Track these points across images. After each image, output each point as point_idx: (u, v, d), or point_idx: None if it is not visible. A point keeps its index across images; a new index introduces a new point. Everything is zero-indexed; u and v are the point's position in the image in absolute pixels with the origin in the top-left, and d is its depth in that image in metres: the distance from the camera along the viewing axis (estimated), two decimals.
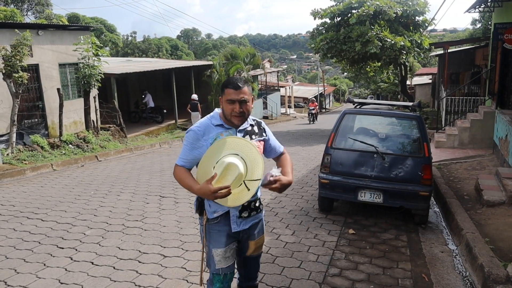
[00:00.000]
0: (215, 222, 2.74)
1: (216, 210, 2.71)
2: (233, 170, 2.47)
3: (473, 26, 33.00)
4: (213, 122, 2.72)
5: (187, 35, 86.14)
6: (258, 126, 2.90)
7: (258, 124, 2.92)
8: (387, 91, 48.49)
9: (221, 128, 2.70)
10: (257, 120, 2.94)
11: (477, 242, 4.67)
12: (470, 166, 8.75)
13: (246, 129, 2.79)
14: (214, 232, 2.76)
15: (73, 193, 7.80)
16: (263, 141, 2.90)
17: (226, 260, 2.76)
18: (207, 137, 2.66)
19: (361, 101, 7.29)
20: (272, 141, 2.99)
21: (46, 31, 12.44)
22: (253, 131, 2.84)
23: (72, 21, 37.54)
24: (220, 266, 2.76)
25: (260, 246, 2.97)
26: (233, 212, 2.72)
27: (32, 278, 4.19)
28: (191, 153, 2.69)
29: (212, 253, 2.76)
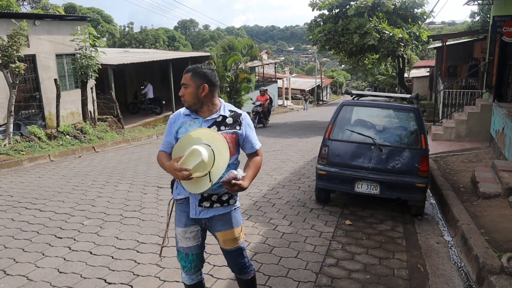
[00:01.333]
0: (179, 203, 2.91)
1: (180, 192, 2.87)
2: (196, 156, 2.55)
3: (472, 19, 32.96)
4: (183, 111, 2.88)
5: (184, 26, 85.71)
6: (234, 118, 2.85)
7: (235, 116, 2.86)
8: (385, 84, 48.41)
9: (188, 117, 2.84)
10: (236, 112, 2.89)
11: (472, 234, 4.72)
12: (467, 159, 8.80)
13: (215, 119, 2.81)
14: (178, 212, 2.94)
15: (71, 183, 7.81)
16: (235, 134, 2.82)
17: (186, 240, 2.90)
18: (175, 125, 2.84)
19: (359, 92, 7.30)
20: (248, 137, 2.89)
21: (43, 21, 12.35)
22: (224, 122, 2.82)
23: (69, 11, 37.26)
24: (180, 244, 2.93)
25: (229, 240, 2.91)
26: (192, 199, 2.83)
27: (31, 267, 4.22)
28: (166, 138, 2.90)
29: (175, 230, 2.95)
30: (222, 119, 2.82)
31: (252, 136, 2.91)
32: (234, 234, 2.91)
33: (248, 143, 2.90)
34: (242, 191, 2.68)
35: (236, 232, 2.92)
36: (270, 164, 9.39)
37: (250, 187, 7.16)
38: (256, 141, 2.95)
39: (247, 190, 7.00)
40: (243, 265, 3.02)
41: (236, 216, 2.94)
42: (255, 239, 4.96)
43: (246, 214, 5.88)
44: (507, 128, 7.52)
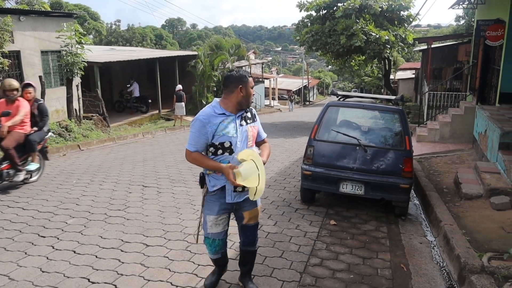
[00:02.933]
0: (213, 194, 3.33)
1: (215, 184, 3.29)
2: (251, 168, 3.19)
3: (457, 23, 33.49)
4: (216, 111, 3.23)
5: (172, 24, 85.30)
6: (251, 112, 3.42)
7: (251, 111, 3.42)
8: (371, 85, 48.86)
9: (223, 116, 3.23)
10: (250, 107, 3.41)
11: (454, 234, 4.79)
12: (450, 160, 8.93)
13: (242, 115, 3.32)
14: (210, 202, 3.36)
15: (55, 182, 7.72)
16: (257, 125, 3.45)
17: (216, 227, 3.39)
18: (212, 124, 3.18)
19: (344, 93, 7.35)
20: (260, 127, 3.51)
21: (28, 17, 12.19)
22: (248, 116, 3.37)
23: (55, 7, 36.80)
24: (211, 231, 3.40)
25: (254, 216, 3.51)
26: (228, 187, 3.28)
27: (13, 267, 4.16)
28: (200, 140, 3.22)
29: (206, 218, 3.39)
30: (245, 113, 3.35)
31: (261, 127, 3.55)
32: (258, 211, 3.55)
33: (259, 133, 3.52)
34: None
35: (259, 209, 3.58)
36: None
37: None
38: (263, 132, 3.59)
39: None
40: (256, 236, 3.64)
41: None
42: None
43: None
44: (489, 130, 7.65)
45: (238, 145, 3.24)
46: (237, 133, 3.24)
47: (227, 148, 3.22)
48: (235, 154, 3.21)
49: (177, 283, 3.88)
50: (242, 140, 3.26)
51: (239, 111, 3.29)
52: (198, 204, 6.31)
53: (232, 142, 3.22)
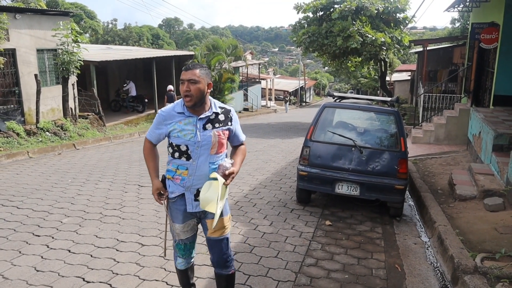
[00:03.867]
0: (173, 201, 3.05)
1: (173, 191, 3.01)
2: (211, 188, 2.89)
3: (452, 25, 33.64)
4: (175, 109, 2.96)
5: (168, 24, 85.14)
6: (225, 115, 3.03)
7: (226, 113, 3.04)
8: (367, 86, 48.95)
9: (181, 116, 2.93)
10: (226, 108, 3.06)
11: (448, 235, 4.82)
12: (445, 162, 8.98)
13: (209, 117, 2.95)
14: (174, 209, 3.07)
15: (50, 181, 7.71)
16: (228, 130, 3.04)
17: (184, 233, 3.11)
18: (167, 122, 2.94)
19: (340, 95, 7.38)
20: (236, 130, 3.13)
21: (24, 15, 12.14)
22: (217, 119, 2.98)
23: (51, 6, 36.66)
24: (179, 237, 3.13)
25: (220, 228, 3.05)
26: (188, 195, 2.99)
27: (7, 266, 4.16)
28: (155, 131, 3.01)
29: (173, 226, 3.12)
30: (215, 116, 2.97)
31: (239, 130, 3.16)
32: (223, 222, 3.06)
33: (236, 137, 3.15)
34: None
35: (225, 220, 3.08)
36: (252, 165, 9.42)
37: (231, 187, 7.22)
38: (242, 134, 3.21)
39: (228, 190, 7.03)
40: (227, 257, 3.14)
41: (226, 205, 3.10)
42: (235, 239, 4.97)
43: None
44: (483, 132, 7.70)
45: (197, 151, 2.90)
46: (196, 137, 2.88)
47: (184, 152, 2.91)
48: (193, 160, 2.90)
49: (172, 282, 3.89)
50: (202, 146, 2.89)
51: (201, 112, 2.92)
52: None
53: (189, 147, 2.89)
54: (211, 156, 2.94)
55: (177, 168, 2.95)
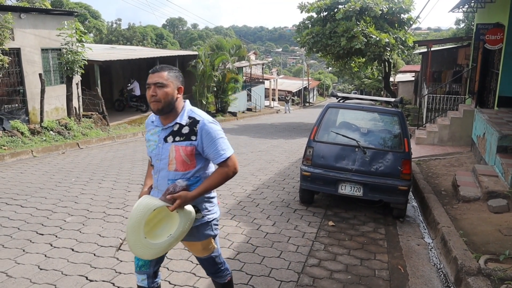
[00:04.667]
0: None
1: None
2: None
3: (457, 26, 33.52)
4: (151, 118, 2.76)
5: (172, 24, 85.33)
6: (191, 127, 2.57)
7: (192, 125, 2.58)
8: (371, 87, 48.85)
9: (152, 125, 2.72)
10: (195, 119, 2.59)
11: (452, 236, 4.81)
12: (449, 163, 8.95)
13: (172, 128, 2.60)
14: None
15: (54, 180, 7.73)
16: (191, 146, 2.56)
17: None
18: (146, 131, 2.78)
19: (344, 95, 7.37)
20: (208, 147, 2.57)
21: (29, 15, 12.19)
22: (180, 132, 2.58)
23: (56, 5, 36.79)
24: None
25: (196, 250, 2.83)
26: None
27: (11, 264, 4.17)
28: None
29: None
30: (179, 128, 2.59)
31: (214, 146, 2.57)
32: (199, 246, 2.79)
33: (210, 154, 2.59)
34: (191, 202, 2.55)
35: (201, 245, 2.78)
36: (256, 165, 9.42)
37: (234, 187, 7.24)
38: (221, 151, 2.58)
39: (231, 190, 7.06)
40: (216, 270, 2.96)
41: (202, 230, 2.73)
42: (238, 239, 4.98)
43: (230, 214, 5.90)
44: (488, 134, 7.67)
45: (157, 164, 2.65)
46: (157, 149, 2.64)
47: (152, 163, 2.76)
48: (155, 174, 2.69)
49: (175, 282, 3.89)
50: (161, 160, 2.62)
51: (169, 121, 2.62)
52: None
53: (152, 159, 2.71)
54: (169, 173, 2.61)
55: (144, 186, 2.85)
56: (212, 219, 2.78)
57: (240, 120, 23.98)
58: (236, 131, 16.63)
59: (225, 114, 23.23)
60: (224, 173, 2.60)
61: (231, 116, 23.65)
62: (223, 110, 23.43)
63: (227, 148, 2.62)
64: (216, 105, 23.03)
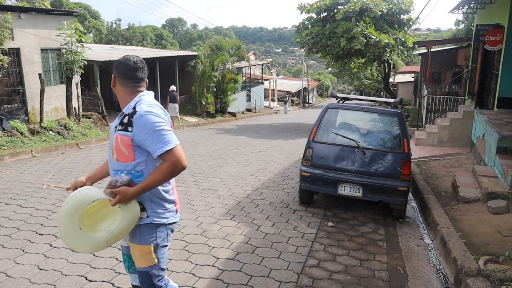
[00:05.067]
0: None
1: None
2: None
3: (457, 27, 33.54)
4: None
5: (172, 24, 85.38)
6: (129, 117, 2.48)
7: (131, 115, 2.47)
8: (370, 88, 48.89)
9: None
10: (134, 110, 2.48)
11: (451, 237, 4.81)
12: (448, 164, 8.95)
13: (121, 118, 2.57)
14: None
15: (53, 180, 7.72)
16: (127, 136, 2.47)
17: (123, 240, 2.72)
18: None
19: (344, 96, 7.37)
20: (145, 140, 2.42)
21: (28, 15, 12.19)
22: (122, 121, 2.53)
23: (56, 5, 36.77)
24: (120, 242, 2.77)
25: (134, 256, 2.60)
26: None
27: (10, 264, 4.17)
28: None
29: None
30: (123, 117, 2.54)
31: (151, 139, 2.41)
32: (137, 251, 2.57)
33: (148, 147, 2.44)
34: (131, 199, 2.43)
35: (139, 250, 2.56)
36: (255, 165, 9.42)
37: (233, 188, 7.24)
38: (159, 144, 2.40)
39: (231, 190, 7.06)
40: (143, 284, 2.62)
41: (143, 232, 2.55)
42: (238, 239, 4.98)
43: (229, 214, 5.90)
44: (487, 135, 7.67)
45: (109, 153, 2.65)
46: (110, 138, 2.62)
47: None
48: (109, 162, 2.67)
49: (175, 281, 3.88)
50: (109, 148, 2.63)
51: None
52: (196, 204, 6.32)
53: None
54: (113, 163, 2.58)
55: None
56: (160, 224, 2.57)
57: (240, 120, 23.98)
58: (236, 132, 16.63)
59: (224, 115, 23.23)
60: (165, 168, 2.42)
61: (231, 117, 23.65)
62: (223, 110, 23.44)
63: (168, 140, 2.42)
64: (216, 105, 23.03)
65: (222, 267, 4.21)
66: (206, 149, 11.75)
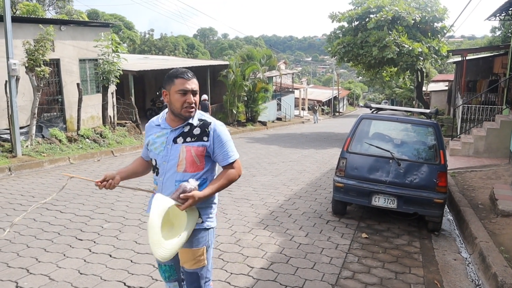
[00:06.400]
0: None
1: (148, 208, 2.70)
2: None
3: (492, 34, 32.71)
4: (155, 121, 2.76)
5: (203, 34, 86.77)
6: (202, 128, 2.62)
7: (204, 126, 2.62)
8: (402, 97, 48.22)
9: (158, 128, 2.71)
10: (206, 121, 2.64)
11: (491, 251, 4.69)
12: (485, 175, 8.72)
13: (182, 129, 2.63)
14: None
15: (90, 186, 7.94)
16: (202, 146, 2.60)
17: None
18: (148, 134, 2.76)
19: (378, 106, 7.31)
20: (219, 149, 2.63)
21: (68, 27, 12.66)
22: (191, 133, 2.61)
23: (92, 17, 38.04)
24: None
25: (187, 259, 2.69)
26: None
27: (53, 267, 4.32)
28: (144, 145, 2.82)
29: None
30: (190, 129, 2.63)
31: (224, 148, 2.64)
32: (190, 255, 2.67)
33: (219, 155, 2.64)
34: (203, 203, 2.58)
35: (193, 253, 2.67)
36: (287, 175, 9.43)
37: (266, 197, 7.27)
38: (230, 153, 2.66)
39: (264, 200, 7.09)
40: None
41: (198, 236, 2.67)
42: (271, 249, 5.00)
43: (262, 224, 5.93)
44: None
45: (163, 166, 2.65)
46: (165, 150, 2.64)
47: (154, 167, 2.72)
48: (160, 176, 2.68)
49: None
50: (169, 161, 2.62)
51: (180, 123, 2.64)
52: (230, 213, 6.38)
53: (157, 161, 2.68)
54: (177, 174, 2.61)
55: (154, 182, 2.79)
56: (210, 227, 2.74)
57: (270, 129, 24.04)
58: (266, 141, 16.70)
59: (255, 123, 23.34)
60: (231, 175, 2.66)
61: (261, 126, 23.74)
62: (253, 119, 23.56)
63: (235, 151, 2.71)
64: (246, 114, 23.18)
65: (256, 277, 4.23)
66: None
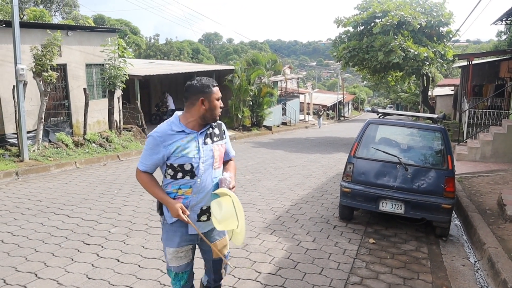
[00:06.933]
0: (171, 223, 2.88)
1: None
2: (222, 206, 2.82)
3: (498, 38, 32.63)
4: (173, 128, 2.80)
5: (208, 39, 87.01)
6: (219, 128, 3.00)
7: (219, 126, 3.01)
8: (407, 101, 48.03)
9: (182, 134, 2.79)
10: (219, 122, 3.00)
11: (499, 257, 4.66)
12: (493, 180, 8.67)
13: (206, 131, 2.89)
14: (170, 232, 2.89)
15: (97, 191, 7.98)
16: (224, 144, 3.02)
17: (177, 260, 2.92)
18: (167, 144, 2.75)
19: (385, 111, 7.30)
20: (227, 144, 3.07)
21: (75, 32, 12.74)
22: (214, 133, 2.93)
23: (98, 22, 38.30)
24: (171, 264, 2.94)
25: (224, 247, 3.05)
26: (192, 216, 2.84)
27: (61, 272, 4.33)
28: (150, 158, 2.80)
29: (165, 250, 2.94)
30: (211, 130, 2.93)
31: (229, 144, 3.12)
32: (220, 244, 3.01)
33: (227, 150, 3.08)
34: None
35: (221, 242, 3.04)
36: (293, 180, 9.42)
37: (273, 202, 7.30)
38: (231, 149, 3.15)
39: (270, 205, 7.11)
40: (220, 275, 3.16)
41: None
42: (279, 254, 4.99)
43: (269, 229, 5.92)
44: None
45: (201, 167, 2.80)
46: (200, 153, 2.79)
47: (188, 171, 2.78)
48: (198, 177, 2.80)
49: None
50: (206, 161, 2.82)
51: (202, 126, 2.85)
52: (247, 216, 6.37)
53: (193, 164, 2.78)
54: (214, 171, 2.89)
55: (179, 188, 2.81)
56: None
57: (275, 134, 24.03)
58: (272, 145, 16.70)
59: (260, 128, 23.34)
60: (234, 165, 3.20)
61: (266, 130, 23.74)
62: (258, 124, 23.56)
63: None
64: (252, 119, 23.19)
65: (264, 282, 4.23)
66: (243, 162, 11.83)
